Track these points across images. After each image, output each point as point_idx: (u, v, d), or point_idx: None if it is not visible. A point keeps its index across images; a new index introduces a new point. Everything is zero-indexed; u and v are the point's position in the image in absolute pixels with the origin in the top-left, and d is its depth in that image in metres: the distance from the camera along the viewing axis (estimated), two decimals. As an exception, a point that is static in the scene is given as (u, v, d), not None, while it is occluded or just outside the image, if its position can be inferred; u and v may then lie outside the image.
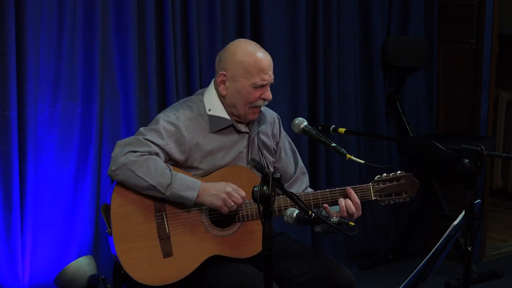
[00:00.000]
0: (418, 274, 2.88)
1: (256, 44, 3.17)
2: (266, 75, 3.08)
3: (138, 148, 3.00)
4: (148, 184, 2.96)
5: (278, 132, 3.31)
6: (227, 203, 2.99)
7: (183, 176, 2.99)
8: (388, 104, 5.03)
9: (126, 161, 2.97)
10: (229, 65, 3.09)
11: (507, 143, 6.39)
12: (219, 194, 2.98)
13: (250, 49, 3.10)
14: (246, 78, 3.07)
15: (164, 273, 3.00)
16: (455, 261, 4.55)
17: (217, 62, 3.16)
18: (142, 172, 2.96)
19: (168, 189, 2.96)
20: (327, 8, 4.58)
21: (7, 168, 3.49)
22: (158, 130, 3.05)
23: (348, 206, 3.03)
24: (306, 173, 3.37)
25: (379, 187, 3.10)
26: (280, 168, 3.29)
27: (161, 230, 3.01)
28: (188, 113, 3.11)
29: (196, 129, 3.10)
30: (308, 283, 3.09)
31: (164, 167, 2.98)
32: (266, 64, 3.09)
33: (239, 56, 3.08)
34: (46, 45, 3.59)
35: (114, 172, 2.99)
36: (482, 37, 4.97)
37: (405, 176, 3.13)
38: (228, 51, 3.12)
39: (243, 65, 3.06)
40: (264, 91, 3.09)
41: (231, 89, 3.10)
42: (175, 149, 3.06)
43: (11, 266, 3.53)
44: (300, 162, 3.36)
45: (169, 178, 2.96)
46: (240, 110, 3.11)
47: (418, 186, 3.15)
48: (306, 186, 3.34)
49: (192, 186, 2.98)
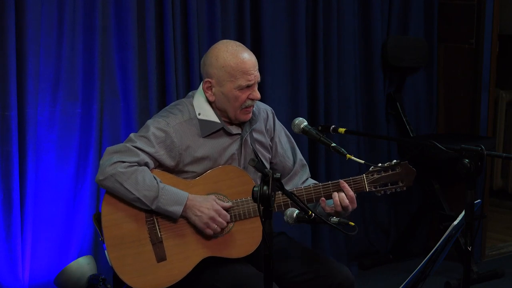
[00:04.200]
0: (418, 274, 2.88)
1: (239, 44, 3.12)
2: (251, 75, 3.05)
3: (127, 158, 2.98)
4: (135, 196, 2.95)
5: (272, 126, 3.27)
6: (210, 226, 2.98)
7: (170, 189, 2.98)
8: (388, 104, 5.03)
9: (114, 172, 2.95)
10: (213, 71, 3.05)
11: (507, 143, 6.39)
12: (202, 217, 2.97)
13: (231, 51, 3.05)
14: (231, 82, 3.03)
15: (159, 277, 2.99)
16: (455, 261, 4.54)
17: (202, 67, 3.13)
18: (129, 184, 2.94)
19: (154, 203, 2.96)
20: (327, 8, 4.58)
21: (7, 168, 3.49)
22: (148, 137, 3.02)
23: (341, 199, 2.99)
24: (306, 165, 3.34)
25: (374, 178, 3.06)
26: (278, 163, 3.27)
27: (153, 235, 3.00)
28: (178, 118, 3.09)
29: (186, 134, 3.08)
30: (308, 282, 3.08)
31: (151, 180, 2.97)
32: (250, 64, 3.05)
33: (221, 60, 3.04)
34: (46, 45, 3.59)
35: (102, 181, 2.98)
36: (482, 37, 4.97)
37: (401, 165, 3.07)
38: (211, 56, 3.08)
39: (226, 69, 3.03)
40: (252, 91, 3.07)
41: (218, 94, 3.07)
42: (165, 156, 3.04)
43: (11, 266, 3.54)
44: (299, 154, 3.33)
45: (156, 191, 2.95)
46: (231, 113, 3.09)
47: (415, 174, 3.09)
48: (306, 177, 3.31)
49: (179, 200, 2.96)
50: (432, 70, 5.14)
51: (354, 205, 3.02)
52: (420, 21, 5.08)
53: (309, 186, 3.05)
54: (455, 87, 5.16)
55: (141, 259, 2.99)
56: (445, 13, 5.11)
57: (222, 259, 3.04)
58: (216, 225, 2.98)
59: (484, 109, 5.07)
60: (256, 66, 3.08)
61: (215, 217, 2.98)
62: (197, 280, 3.03)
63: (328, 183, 3.04)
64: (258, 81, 3.10)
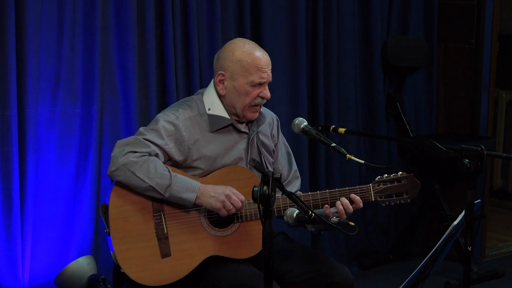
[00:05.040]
0: (418, 274, 2.89)
1: (254, 43, 3.18)
2: (265, 73, 3.09)
3: (138, 148, 3.00)
4: (148, 185, 2.96)
5: (276, 133, 3.32)
6: (226, 205, 2.98)
7: (182, 178, 2.99)
8: (388, 104, 5.03)
9: (126, 162, 2.97)
10: (228, 64, 3.09)
11: (507, 143, 6.39)
12: (218, 196, 2.98)
13: (248, 48, 3.10)
14: (244, 76, 3.07)
15: (162, 273, 3.00)
16: (455, 261, 4.55)
17: (215, 62, 3.16)
18: (141, 173, 2.96)
19: (168, 191, 2.96)
20: (327, 8, 4.58)
21: (7, 168, 3.49)
22: (157, 130, 3.05)
23: (346, 207, 3.03)
24: (299, 177, 3.37)
25: (380, 188, 3.10)
26: (276, 169, 3.30)
27: (159, 230, 3.01)
28: (188, 112, 3.11)
29: (195, 128, 3.10)
30: (308, 282, 3.09)
31: (163, 168, 2.98)
32: (264, 62, 3.09)
33: (237, 54, 3.08)
34: (46, 45, 3.59)
35: (114, 172, 2.99)
36: (482, 37, 4.98)
37: (407, 177, 3.12)
38: (227, 50, 3.13)
39: (241, 63, 3.07)
40: (263, 89, 3.10)
41: (230, 88, 3.10)
42: (174, 149, 3.06)
43: (11, 266, 3.53)
44: (294, 165, 3.37)
45: (169, 179, 2.96)
46: (239, 109, 3.11)
47: (420, 187, 3.14)
48: (296, 190, 3.33)
49: (191, 188, 2.98)
50: (432, 70, 5.14)
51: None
52: (420, 21, 5.08)
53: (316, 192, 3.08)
54: (455, 87, 5.16)
55: (145, 253, 2.99)
56: (445, 13, 5.11)
57: (223, 259, 3.05)
58: (231, 204, 2.98)
59: (484, 109, 5.08)
60: (269, 66, 3.13)
61: (231, 195, 2.98)
62: (197, 278, 3.04)
63: (335, 190, 3.07)
64: (270, 81, 3.12)
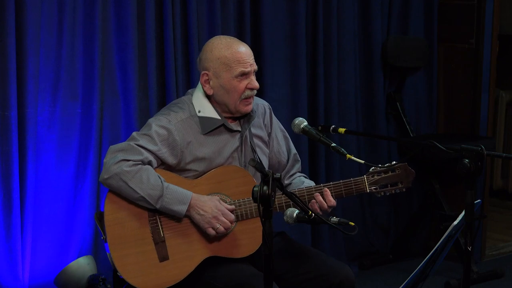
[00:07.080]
0: (418, 274, 2.88)
1: (232, 37, 3.17)
2: (246, 63, 3.07)
3: (131, 156, 2.99)
4: (139, 195, 2.96)
5: (269, 122, 3.29)
6: (213, 226, 2.99)
7: (174, 188, 2.98)
8: (388, 104, 5.03)
9: (119, 171, 2.96)
10: (209, 64, 3.08)
11: (507, 143, 6.39)
12: (206, 216, 2.98)
13: (225, 43, 3.09)
14: (227, 71, 3.06)
15: (161, 277, 2.99)
16: (455, 261, 4.55)
17: (198, 64, 3.16)
18: (134, 183, 2.95)
19: (159, 202, 2.96)
20: (327, 8, 4.58)
21: (7, 168, 3.49)
22: (150, 135, 3.03)
23: (321, 204, 3.03)
24: (299, 160, 3.36)
25: (374, 179, 3.08)
26: (273, 158, 3.29)
27: (155, 234, 3.01)
28: (179, 115, 3.10)
29: (187, 131, 3.09)
30: (308, 282, 3.08)
31: (156, 179, 2.97)
32: (244, 53, 3.08)
33: (216, 52, 3.07)
34: (46, 45, 3.59)
35: (107, 180, 2.98)
36: (482, 37, 4.97)
37: (400, 166, 3.10)
38: (206, 51, 3.12)
39: (221, 60, 3.06)
40: (250, 80, 3.08)
41: (217, 87, 3.09)
42: (167, 154, 3.05)
43: (11, 266, 3.54)
44: (293, 149, 3.35)
45: (160, 190, 2.95)
46: (231, 106, 3.10)
47: (414, 175, 3.12)
48: (296, 171, 3.33)
49: (183, 200, 2.97)
50: (432, 70, 5.14)
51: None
52: (420, 21, 5.08)
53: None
54: (455, 87, 5.16)
55: (143, 258, 2.99)
56: (445, 13, 5.11)
57: (222, 259, 3.04)
58: (219, 224, 2.99)
59: (484, 109, 5.07)
60: (251, 56, 3.11)
61: (218, 216, 2.98)
62: (197, 279, 3.03)
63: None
64: (255, 70, 3.12)
